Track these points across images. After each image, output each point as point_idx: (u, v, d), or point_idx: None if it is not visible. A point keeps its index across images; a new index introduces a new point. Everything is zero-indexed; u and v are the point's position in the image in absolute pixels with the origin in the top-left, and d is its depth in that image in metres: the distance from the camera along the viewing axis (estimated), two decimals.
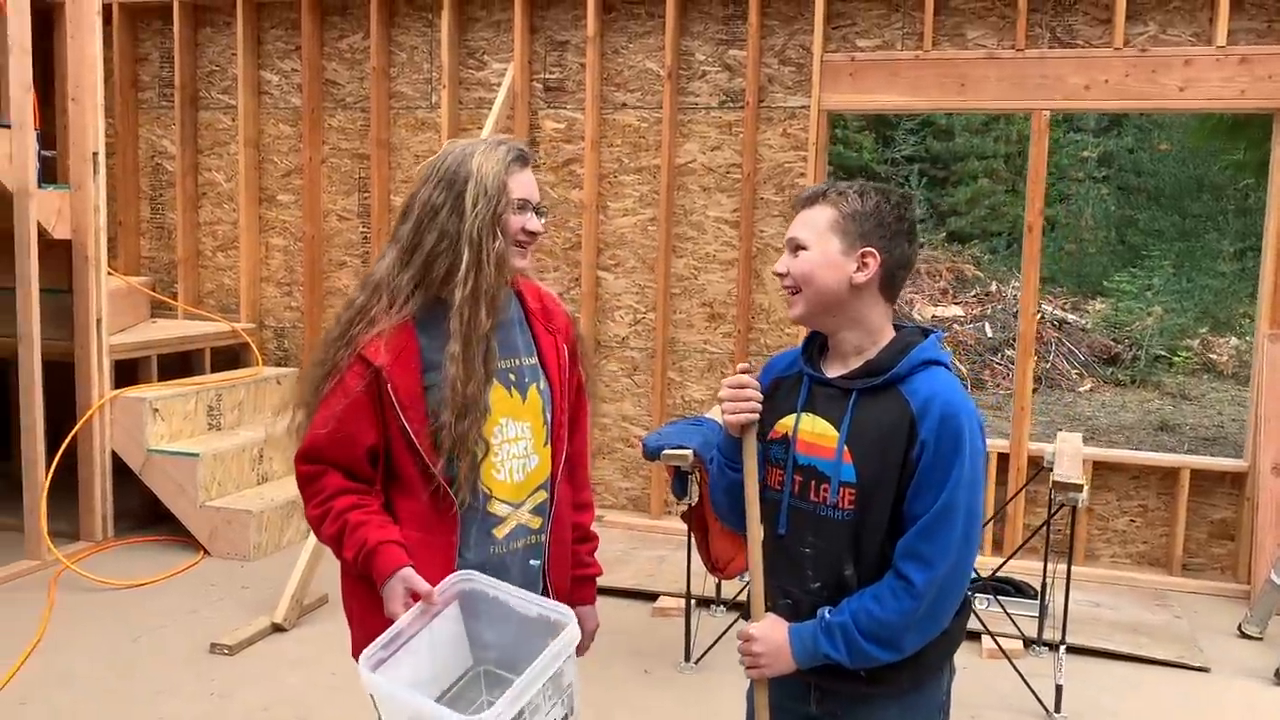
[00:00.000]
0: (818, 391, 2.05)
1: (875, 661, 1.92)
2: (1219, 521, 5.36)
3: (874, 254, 1.98)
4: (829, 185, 2.05)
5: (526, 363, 2.15)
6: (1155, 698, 4.14)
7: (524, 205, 2.07)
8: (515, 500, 2.12)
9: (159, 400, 5.51)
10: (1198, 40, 5.18)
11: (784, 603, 2.06)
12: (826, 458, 2.00)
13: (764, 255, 5.80)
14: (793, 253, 2.03)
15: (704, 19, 5.81)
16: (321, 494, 2.03)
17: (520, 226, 2.07)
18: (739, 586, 4.76)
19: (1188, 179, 15.42)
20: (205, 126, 6.69)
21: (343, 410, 1.99)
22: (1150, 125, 16.50)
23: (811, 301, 2.01)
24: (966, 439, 1.91)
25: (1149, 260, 14.75)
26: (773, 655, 1.98)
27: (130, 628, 4.53)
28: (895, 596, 1.90)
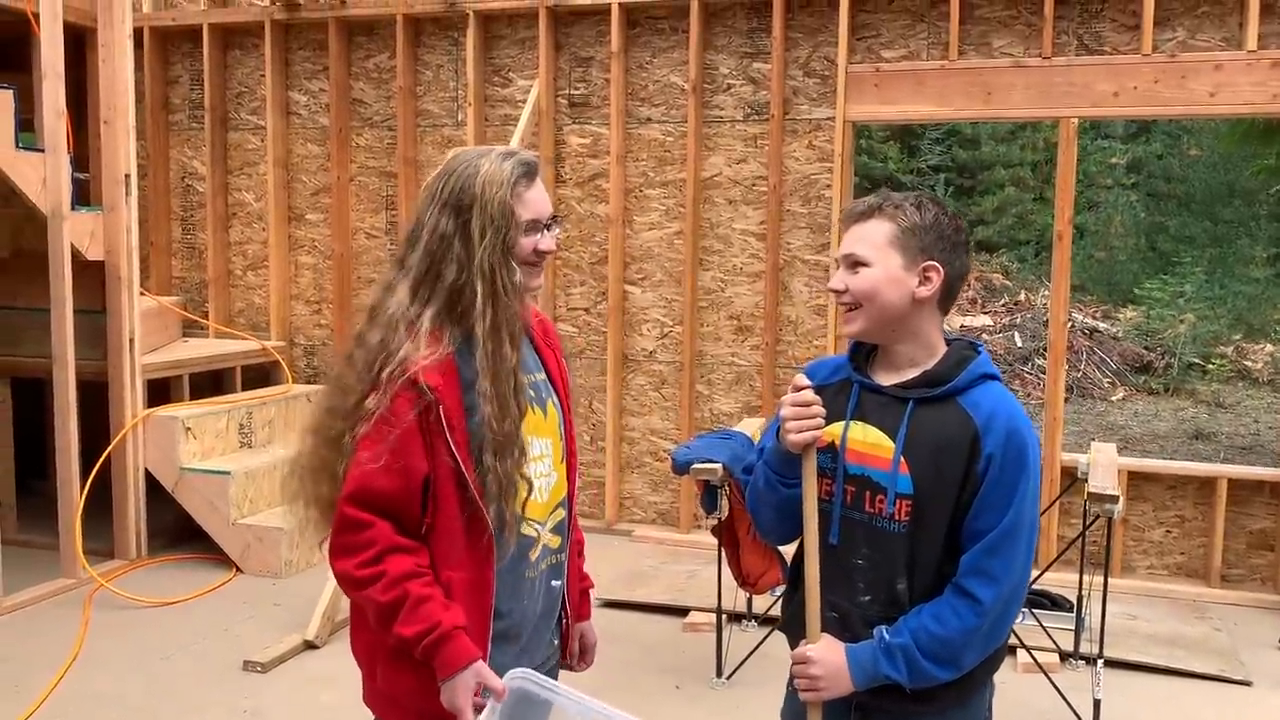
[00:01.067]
0: (868, 399, 2.02)
1: (935, 680, 1.90)
2: (1258, 531, 5.28)
3: (937, 268, 1.95)
4: (883, 199, 2.00)
5: (539, 378, 2.09)
6: (1195, 712, 4.08)
7: (534, 226, 1.96)
8: (541, 520, 2.06)
9: (191, 419, 5.55)
10: (1228, 45, 5.13)
11: (830, 615, 2.03)
12: (881, 468, 1.97)
13: (791, 268, 5.78)
14: (850, 269, 1.98)
15: (728, 32, 5.81)
16: (371, 549, 1.85)
17: (532, 248, 1.97)
18: (770, 601, 4.73)
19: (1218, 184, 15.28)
20: (235, 147, 6.76)
21: (396, 440, 1.84)
22: (1179, 131, 16.37)
23: (873, 318, 1.98)
24: (1031, 455, 1.90)
25: (1180, 267, 14.62)
26: (831, 678, 1.95)
27: (164, 645, 4.56)
28: (958, 615, 1.88)
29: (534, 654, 2.09)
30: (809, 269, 5.75)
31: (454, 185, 1.93)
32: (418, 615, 1.83)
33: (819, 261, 5.72)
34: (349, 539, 1.87)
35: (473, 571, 1.92)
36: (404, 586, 1.84)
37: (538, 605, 2.08)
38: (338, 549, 1.90)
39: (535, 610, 2.07)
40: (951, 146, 18.16)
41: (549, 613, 2.13)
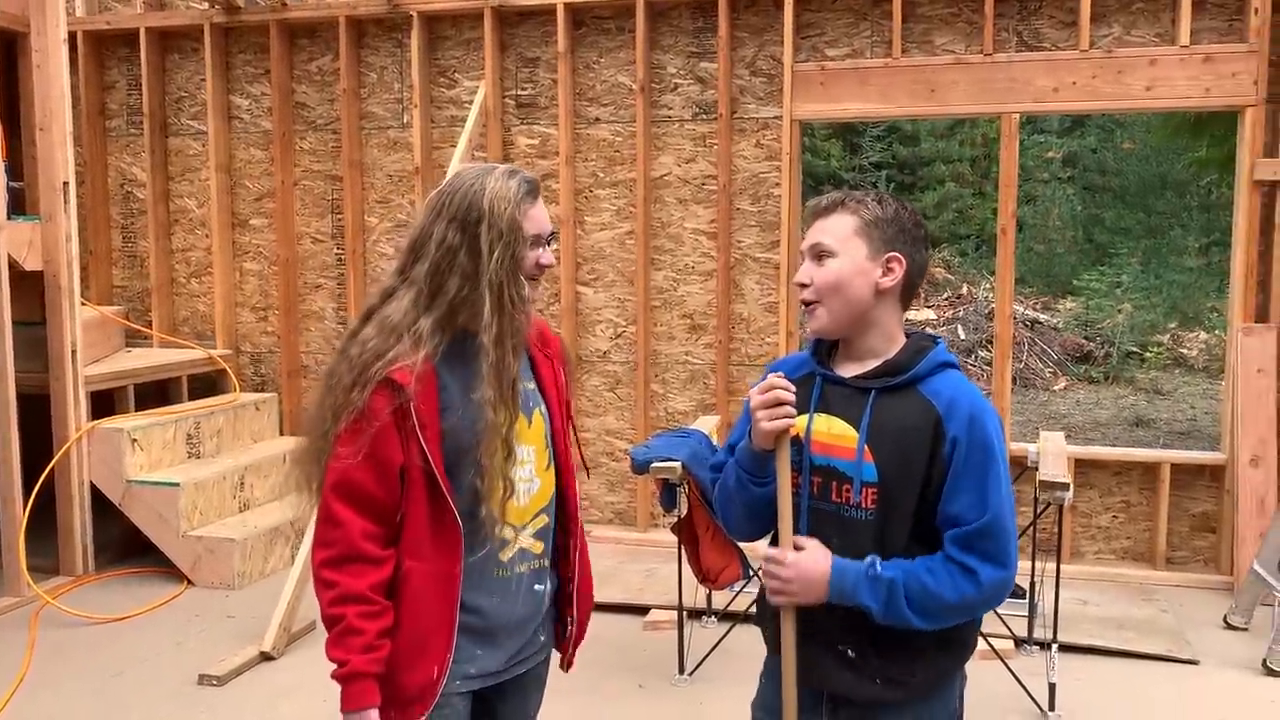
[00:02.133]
0: (831, 392, 2.05)
1: (905, 624, 1.91)
2: (1200, 514, 5.42)
3: (899, 259, 1.99)
4: (845, 194, 2.05)
5: (527, 387, 2.13)
6: (1146, 692, 4.17)
7: (537, 240, 2.04)
8: (519, 524, 2.10)
9: (137, 430, 5.45)
10: (1161, 40, 5.25)
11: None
12: (846, 458, 1.99)
13: (742, 266, 5.82)
14: (816, 260, 2.02)
15: (674, 32, 5.83)
16: (335, 548, 1.94)
17: (535, 262, 2.04)
18: (729, 597, 4.76)
19: (1151, 177, 15.60)
20: (175, 153, 6.64)
21: (372, 435, 1.92)
22: (1113, 125, 16.70)
23: (836, 311, 2.01)
24: (995, 437, 1.94)
25: (1117, 258, 14.92)
26: (805, 584, 1.96)
27: (115, 662, 4.46)
28: (953, 580, 1.91)
29: (509, 650, 2.13)
30: (760, 267, 5.79)
31: (461, 201, 2.00)
32: (343, 644, 1.94)
33: (770, 259, 5.76)
34: (322, 532, 1.97)
35: (437, 564, 1.99)
36: (345, 609, 1.93)
37: (515, 606, 2.11)
38: (315, 538, 1.99)
39: (513, 612, 2.11)
40: (892, 143, 18.37)
41: (531, 615, 2.16)
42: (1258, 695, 4.15)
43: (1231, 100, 5.14)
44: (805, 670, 2.09)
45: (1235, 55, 5.10)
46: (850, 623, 2.00)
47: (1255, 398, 5.11)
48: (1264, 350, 5.13)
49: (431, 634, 1.99)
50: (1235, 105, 5.16)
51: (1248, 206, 5.15)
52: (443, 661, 2.00)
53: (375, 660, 1.95)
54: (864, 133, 17.79)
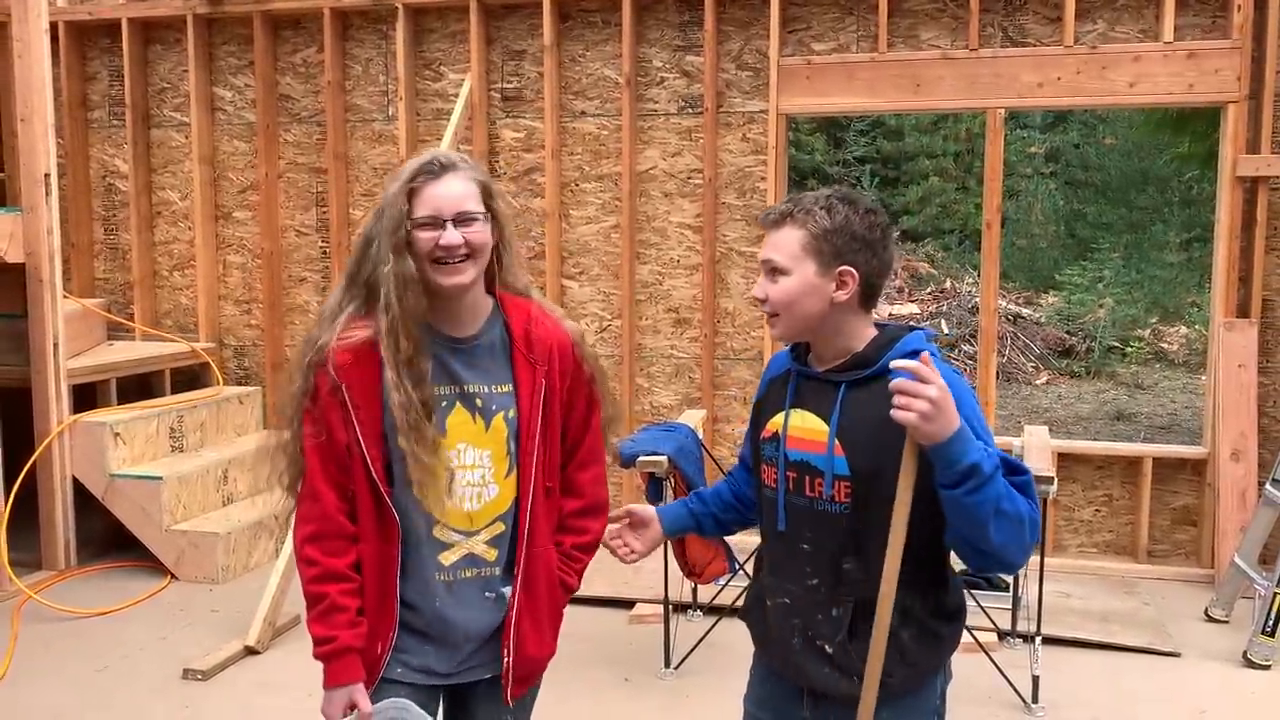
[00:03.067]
0: (805, 387, 2.06)
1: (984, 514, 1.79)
2: (1181, 508, 5.46)
3: (852, 273, 1.96)
4: (793, 203, 2.00)
5: (499, 390, 2.08)
6: (1129, 684, 4.21)
7: (433, 221, 1.97)
8: (466, 529, 2.06)
9: (120, 424, 5.41)
10: (1145, 37, 5.28)
11: (782, 601, 2.07)
12: (818, 452, 1.99)
13: (727, 260, 5.82)
14: (769, 276, 2.01)
15: (660, 26, 5.82)
16: (312, 524, 2.02)
17: (432, 243, 1.97)
18: (714, 591, 4.76)
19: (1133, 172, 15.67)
20: (158, 145, 6.59)
21: (320, 414, 2.01)
22: (1095, 120, 16.77)
23: (792, 324, 2.01)
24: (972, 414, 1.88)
25: (1098, 253, 14.99)
26: (948, 409, 1.77)
27: (98, 657, 4.44)
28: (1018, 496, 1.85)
29: (463, 654, 2.11)
30: (745, 261, 5.79)
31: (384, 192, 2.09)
32: (327, 621, 1.99)
33: (755, 253, 5.77)
34: (301, 508, 2.05)
35: (377, 545, 2.03)
36: (328, 587, 1.99)
37: (459, 612, 2.08)
38: (297, 514, 2.07)
39: (457, 617, 2.07)
40: (876, 138, 18.41)
41: (482, 623, 2.10)
42: (1239, 687, 4.19)
43: (1215, 96, 5.18)
44: (786, 666, 2.10)
45: (1218, 52, 5.13)
46: (831, 620, 2.01)
47: (1236, 392, 5.15)
48: (1245, 345, 5.17)
49: (374, 613, 2.03)
50: (1218, 101, 5.19)
51: (1230, 202, 5.18)
52: (386, 639, 2.04)
53: (359, 635, 2.01)
54: (848, 127, 17.81)
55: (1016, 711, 3.98)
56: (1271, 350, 5.26)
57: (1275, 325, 5.25)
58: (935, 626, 2.04)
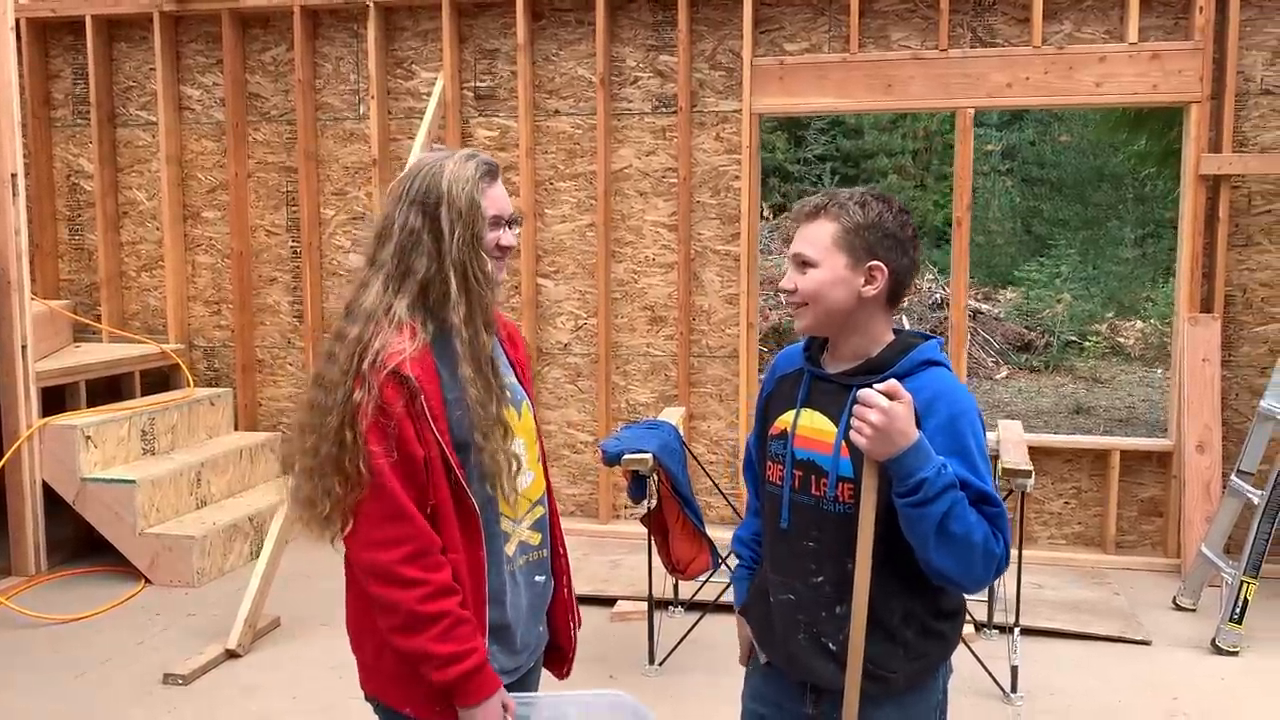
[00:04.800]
0: (817, 387, 2.08)
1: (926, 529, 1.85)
2: (1148, 500, 5.58)
3: (881, 268, 1.99)
4: (829, 198, 2.03)
5: (511, 380, 2.15)
6: (1103, 672, 4.30)
7: (497, 221, 2.05)
8: (516, 517, 2.10)
9: (90, 427, 5.34)
10: (1111, 38, 5.38)
11: (786, 597, 2.09)
12: (824, 453, 2.02)
13: (702, 258, 5.86)
14: (799, 268, 2.03)
15: (634, 25, 5.84)
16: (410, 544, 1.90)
17: (495, 243, 2.05)
18: (696, 587, 4.80)
19: (1088, 170, 15.94)
20: (124, 144, 6.51)
21: (395, 430, 1.90)
22: (1050, 119, 17.01)
23: (819, 316, 2.03)
24: (973, 440, 1.94)
25: (1055, 249, 15.23)
26: (901, 427, 1.84)
27: (74, 663, 4.39)
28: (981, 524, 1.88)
29: (521, 654, 2.14)
30: (720, 259, 5.83)
31: (420, 184, 2.01)
32: (455, 636, 1.90)
33: (730, 252, 5.81)
34: (385, 530, 1.90)
35: (468, 553, 1.98)
36: (445, 603, 1.90)
37: (522, 600, 2.11)
38: (373, 542, 1.91)
39: (520, 606, 2.11)
40: (836, 136, 18.55)
41: (535, 608, 2.17)
42: (1208, 673, 4.30)
43: (1178, 96, 5.29)
44: (790, 661, 2.12)
45: (1181, 53, 5.24)
46: (835, 617, 2.03)
47: (1201, 386, 5.27)
48: (1209, 340, 5.29)
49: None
50: (1182, 101, 5.31)
51: (1193, 200, 5.30)
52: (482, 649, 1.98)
53: (485, 641, 2.00)
54: (809, 125, 17.94)
55: (995, 701, 4.05)
56: (1234, 344, 5.38)
57: (1237, 320, 5.38)
58: (937, 626, 2.08)
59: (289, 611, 4.86)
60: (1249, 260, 5.35)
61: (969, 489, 1.89)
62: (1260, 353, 5.36)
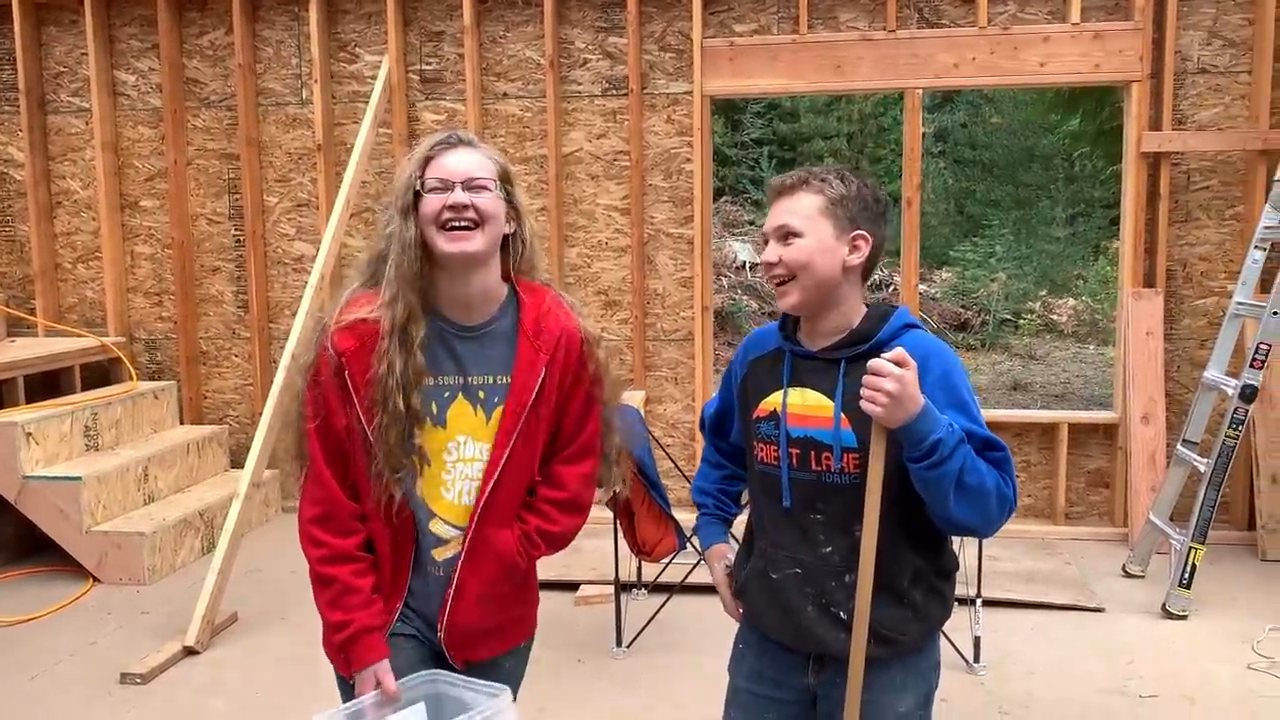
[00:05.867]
0: (801, 365, 2.10)
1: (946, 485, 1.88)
2: (1095, 471, 5.71)
3: (866, 236, 2.03)
4: (809, 172, 2.06)
5: (501, 380, 2.03)
6: (1061, 640, 4.40)
7: (442, 185, 1.94)
8: (462, 524, 2.03)
9: (31, 423, 5.18)
10: (1054, 18, 5.47)
11: (794, 571, 2.10)
12: (824, 427, 2.04)
13: (656, 241, 5.85)
14: (782, 240, 2.04)
15: (582, 7, 5.80)
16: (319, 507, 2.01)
17: (440, 205, 1.94)
18: (659, 569, 4.81)
19: (1019, 151, 16.23)
20: (56, 131, 6.30)
21: (320, 397, 2.00)
22: (981, 100, 17.28)
23: (808, 288, 2.03)
24: (966, 393, 2.00)
25: (989, 230, 15.49)
26: (911, 394, 1.86)
27: (28, 665, 4.26)
28: (990, 470, 1.93)
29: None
30: (674, 242, 5.83)
31: None
32: (341, 604, 1.98)
33: (683, 234, 5.81)
34: (309, 488, 2.03)
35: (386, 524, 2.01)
36: (338, 569, 1.98)
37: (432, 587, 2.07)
38: (303, 494, 2.04)
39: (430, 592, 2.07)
40: (772, 120, 18.65)
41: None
42: (1160, 636, 4.42)
43: (1119, 75, 5.40)
44: (797, 634, 2.12)
45: (1122, 33, 5.35)
46: (845, 586, 2.05)
47: (1145, 359, 5.41)
48: (1152, 313, 5.42)
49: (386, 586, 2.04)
50: (1123, 80, 5.42)
51: (1135, 177, 5.42)
52: (393, 611, 2.04)
53: (376, 614, 2.00)
54: (745, 109, 18.01)
55: (960, 671, 4.12)
56: (1175, 318, 5.53)
57: (1178, 294, 5.52)
58: (939, 585, 2.13)
59: (246, 607, 4.76)
60: (1188, 235, 5.49)
61: (974, 439, 1.94)
62: (1200, 325, 5.51)
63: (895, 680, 2.08)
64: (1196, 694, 3.89)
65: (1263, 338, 4.60)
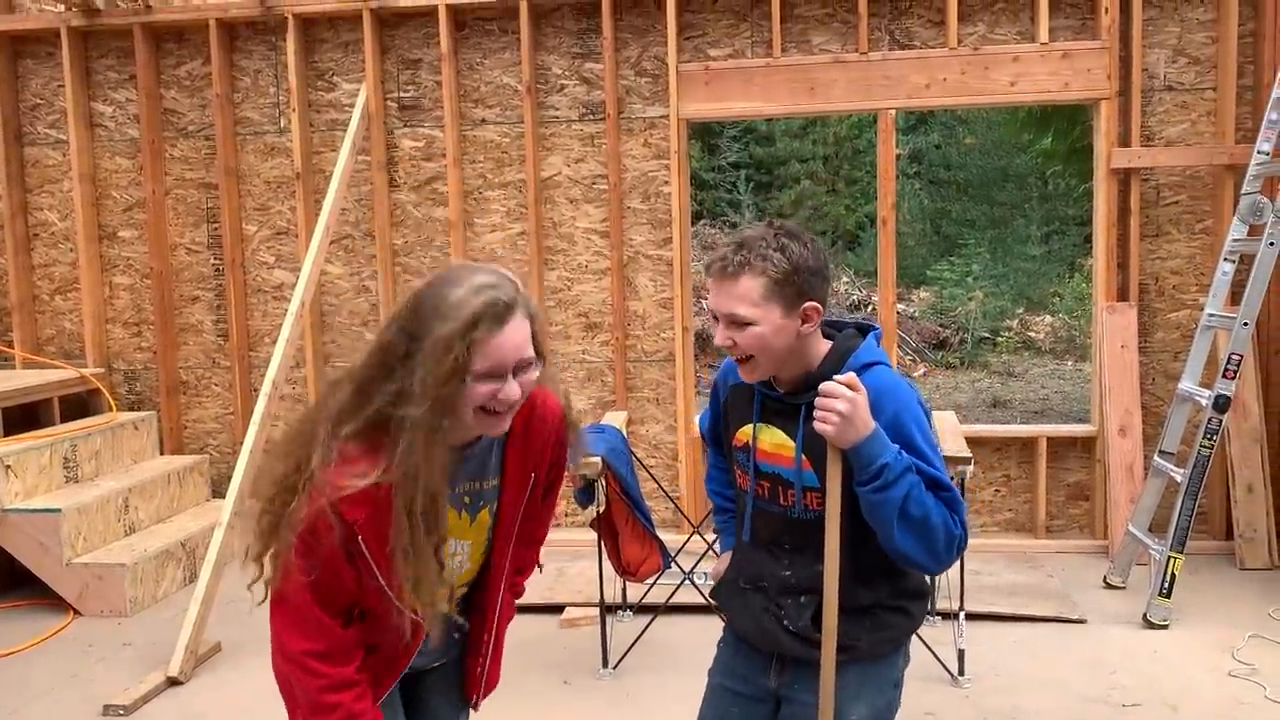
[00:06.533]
0: (768, 404, 2.16)
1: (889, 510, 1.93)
2: (1074, 484, 5.75)
3: (816, 307, 2.03)
4: (745, 248, 1.99)
5: (489, 485, 2.02)
6: (1044, 652, 4.42)
7: (492, 374, 1.78)
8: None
9: (10, 455, 5.15)
10: (1023, 38, 5.56)
11: (759, 585, 2.22)
12: (787, 466, 2.11)
13: (635, 263, 5.89)
14: (732, 327, 2.03)
15: (558, 33, 5.86)
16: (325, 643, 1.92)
17: (489, 396, 1.80)
18: (644, 590, 4.81)
19: (993, 170, 16.42)
20: (33, 163, 6.30)
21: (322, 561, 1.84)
22: (955, 121, 17.47)
23: (768, 363, 2.06)
24: (919, 435, 2.02)
25: (965, 249, 15.63)
26: (862, 417, 1.92)
27: (8, 699, 4.22)
28: (938, 505, 1.97)
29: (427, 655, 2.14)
30: (653, 264, 5.87)
31: (416, 305, 1.83)
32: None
33: (662, 256, 5.85)
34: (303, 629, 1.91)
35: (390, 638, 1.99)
36: (340, 696, 1.91)
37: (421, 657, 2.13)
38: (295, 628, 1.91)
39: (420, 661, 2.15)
40: (749, 144, 18.79)
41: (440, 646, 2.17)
42: (1142, 646, 4.45)
43: (1087, 94, 5.49)
44: (760, 635, 2.22)
45: (1090, 52, 5.44)
46: (798, 604, 2.14)
47: (1121, 371, 5.47)
48: (1126, 327, 5.49)
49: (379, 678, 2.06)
50: (1091, 98, 5.50)
51: (1106, 194, 5.50)
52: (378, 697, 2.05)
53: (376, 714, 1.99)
54: (721, 133, 18.15)
55: (944, 685, 4.14)
56: (1149, 331, 5.60)
57: (1151, 307, 5.59)
58: (903, 603, 2.19)
59: (229, 637, 4.73)
60: (1160, 250, 5.57)
61: (922, 476, 1.98)
62: (1174, 338, 5.58)
63: (850, 687, 2.13)
64: (1179, 702, 3.92)
65: (1234, 348, 4.67)
